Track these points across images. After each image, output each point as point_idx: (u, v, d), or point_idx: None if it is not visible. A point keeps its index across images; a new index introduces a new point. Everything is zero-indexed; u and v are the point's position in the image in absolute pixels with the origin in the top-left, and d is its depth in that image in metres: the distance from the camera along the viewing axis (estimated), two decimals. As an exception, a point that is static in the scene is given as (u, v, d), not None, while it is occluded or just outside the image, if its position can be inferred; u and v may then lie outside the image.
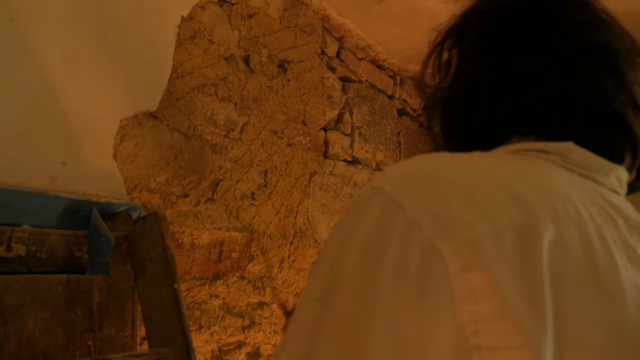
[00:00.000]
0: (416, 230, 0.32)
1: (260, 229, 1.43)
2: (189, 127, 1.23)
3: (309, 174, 1.65)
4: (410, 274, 0.31)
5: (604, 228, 0.36)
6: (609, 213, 0.38)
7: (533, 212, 0.33)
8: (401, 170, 0.37)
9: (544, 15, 0.47)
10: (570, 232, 0.34)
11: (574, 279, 0.32)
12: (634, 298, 0.34)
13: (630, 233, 0.38)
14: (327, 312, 0.34)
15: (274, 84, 1.52)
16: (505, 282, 0.30)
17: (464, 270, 0.30)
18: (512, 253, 0.31)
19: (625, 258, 0.36)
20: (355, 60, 1.98)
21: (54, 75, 0.95)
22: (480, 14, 0.51)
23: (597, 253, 0.34)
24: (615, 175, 0.43)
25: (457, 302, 0.30)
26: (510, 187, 0.35)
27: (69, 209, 0.91)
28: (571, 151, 0.42)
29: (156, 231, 0.95)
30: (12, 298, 0.80)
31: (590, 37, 0.45)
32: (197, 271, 1.22)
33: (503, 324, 0.30)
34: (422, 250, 0.31)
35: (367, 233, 0.34)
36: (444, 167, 0.37)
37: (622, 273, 0.35)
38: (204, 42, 1.28)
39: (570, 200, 0.36)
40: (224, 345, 1.28)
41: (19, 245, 0.83)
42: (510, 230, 0.32)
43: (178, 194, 1.19)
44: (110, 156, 1.04)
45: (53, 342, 0.85)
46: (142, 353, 0.87)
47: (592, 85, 0.44)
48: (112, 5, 1.06)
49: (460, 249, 0.31)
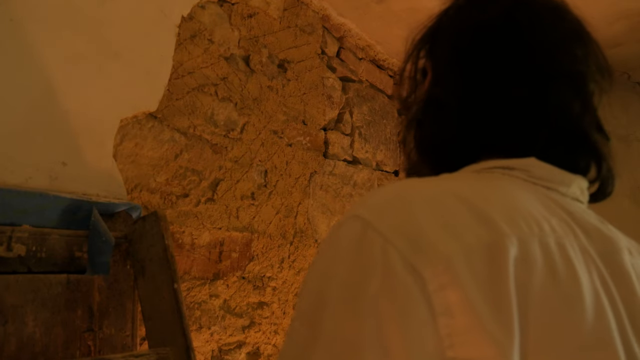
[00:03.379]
0: (393, 252, 0.34)
1: (260, 229, 1.43)
2: (189, 127, 1.23)
3: (309, 174, 1.65)
4: (391, 292, 0.33)
5: (564, 239, 0.39)
6: (569, 223, 0.41)
7: (499, 231, 0.36)
8: (376, 197, 0.40)
9: (516, 37, 0.48)
10: (533, 247, 0.37)
11: (537, 291, 0.35)
12: (591, 303, 0.37)
13: (588, 241, 0.41)
14: (317, 334, 0.35)
15: (274, 83, 1.52)
16: (477, 298, 0.33)
17: (440, 287, 0.33)
18: (482, 271, 0.34)
19: (583, 265, 0.39)
20: (355, 60, 1.98)
21: (54, 75, 0.95)
22: (455, 27, 0.52)
23: (558, 264, 0.37)
24: (577, 184, 0.46)
25: (436, 317, 0.33)
26: (476, 207, 0.38)
27: (69, 209, 0.91)
28: (534, 166, 0.45)
29: (156, 231, 0.95)
30: (12, 298, 0.80)
31: (562, 62, 0.48)
32: (197, 271, 1.22)
33: (476, 337, 0.32)
34: (401, 270, 0.34)
35: (348, 258, 0.36)
36: (414, 192, 0.40)
37: (582, 280, 0.37)
38: (204, 42, 1.28)
39: (532, 215, 0.39)
40: (224, 345, 1.28)
41: (19, 245, 0.83)
42: (478, 249, 0.35)
43: (178, 194, 1.19)
44: (110, 156, 1.04)
45: (53, 342, 0.85)
46: (142, 353, 0.87)
47: (560, 109, 0.47)
48: (112, 5, 1.06)
49: (436, 269, 0.33)
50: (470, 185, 0.42)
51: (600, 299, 0.38)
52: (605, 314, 0.37)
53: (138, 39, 1.11)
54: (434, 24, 0.57)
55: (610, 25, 1.86)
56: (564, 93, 0.47)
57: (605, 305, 0.38)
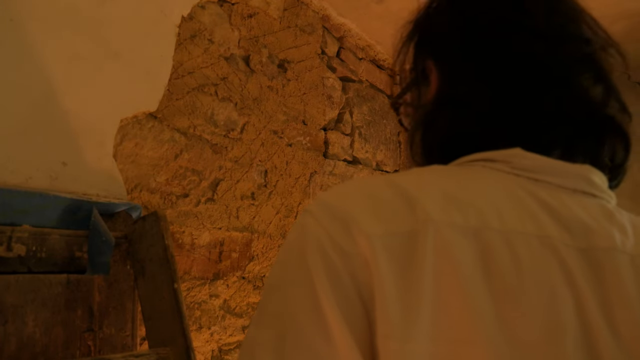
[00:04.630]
0: (323, 234, 0.37)
1: (260, 229, 1.43)
2: (189, 127, 1.23)
3: (309, 174, 1.65)
4: (319, 271, 0.36)
5: (515, 234, 0.38)
6: (537, 217, 0.39)
7: (424, 220, 0.37)
8: (325, 193, 0.42)
9: (528, 28, 0.47)
10: (463, 239, 0.36)
11: (460, 281, 0.35)
12: (539, 301, 0.36)
13: (564, 237, 0.39)
14: (260, 315, 0.39)
15: (274, 83, 1.52)
16: (387, 282, 0.35)
17: (365, 264, 0.35)
18: (398, 255, 0.36)
19: (540, 261, 0.37)
20: (355, 60, 1.98)
21: (54, 75, 0.95)
22: (460, 26, 0.50)
23: (494, 258, 0.36)
24: (581, 176, 0.44)
25: (362, 291, 0.35)
26: (411, 196, 0.38)
27: (69, 209, 0.91)
28: (516, 156, 0.43)
29: (156, 231, 0.95)
30: (12, 298, 0.80)
31: (578, 50, 0.47)
32: (197, 271, 1.22)
33: (383, 315, 0.34)
34: (330, 249, 0.36)
35: (290, 246, 0.40)
36: (356, 184, 0.42)
37: (526, 277, 0.36)
38: (204, 42, 1.28)
39: (478, 208, 0.38)
40: (224, 345, 1.28)
41: (19, 245, 0.83)
42: (399, 234, 0.36)
43: (178, 194, 1.19)
44: (110, 156, 1.04)
45: (53, 342, 0.85)
46: (142, 353, 0.87)
47: (583, 98, 0.46)
48: (112, 5, 1.06)
49: (360, 248, 0.36)
50: (420, 176, 0.42)
51: (555, 298, 0.36)
52: (555, 311, 0.36)
53: (138, 39, 1.11)
54: (425, 20, 0.56)
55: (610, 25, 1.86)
56: (586, 81, 0.46)
57: (560, 304, 0.36)
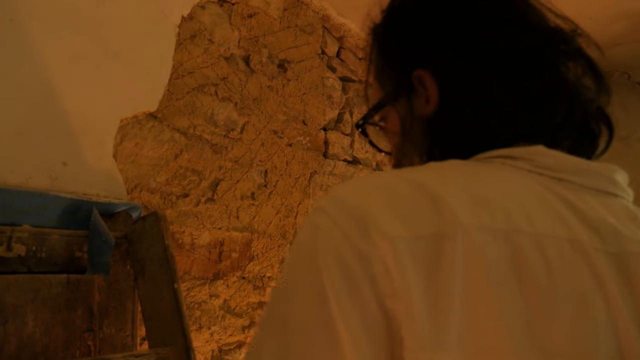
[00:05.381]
0: (340, 235, 0.34)
1: (260, 229, 1.43)
2: (189, 127, 1.23)
3: (309, 174, 1.65)
4: (334, 275, 0.33)
5: (545, 237, 0.36)
6: (566, 220, 0.38)
7: (452, 221, 0.34)
8: (338, 188, 0.39)
9: (515, 23, 0.46)
10: (494, 242, 0.34)
11: (490, 285, 0.33)
12: (571, 307, 0.34)
13: (594, 240, 0.37)
14: (270, 317, 0.37)
15: (274, 83, 1.52)
16: (414, 289, 0.32)
17: (386, 270, 0.32)
18: (424, 258, 0.33)
19: (571, 266, 0.36)
20: (356, 60, 1.98)
21: (54, 75, 0.95)
22: (456, 29, 0.48)
23: (526, 261, 0.34)
24: (603, 176, 0.43)
25: (384, 299, 0.32)
26: (434, 194, 0.35)
27: (69, 209, 0.91)
28: (540, 154, 0.41)
29: (156, 231, 0.95)
30: (12, 298, 0.80)
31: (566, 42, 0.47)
32: (197, 271, 1.22)
33: (410, 325, 0.31)
34: (347, 253, 0.33)
35: (303, 246, 0.37)
36: (371, 180, 0.39)
37: (558, 281, 0.34)
38: (204, 42, 1.28)
39: (506, 209, 0.36)
40: (224, 345, 1.28)
41: (19, 245, 0.83)
42: (425, 236, 0.33)
43: (178, 194, 1.19)
44: (110, 156, 1.04)
45: (53, 342, 0.85)
46: (142, 353, 0.87)
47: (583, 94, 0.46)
48: (112, 5, 1.06)
49: (380, 251, 0.33)
50: (441, 173, 0.40)
51: (587, 306, 0.35)
52: (586, 319, 0.34)
53: (138, 39, 1.11)
54: (399, 31, 0.52)
55: (610, 25, 1.86)
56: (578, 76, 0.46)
57: (592, 313, 0.35)
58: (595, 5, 1.73)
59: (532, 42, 0.46)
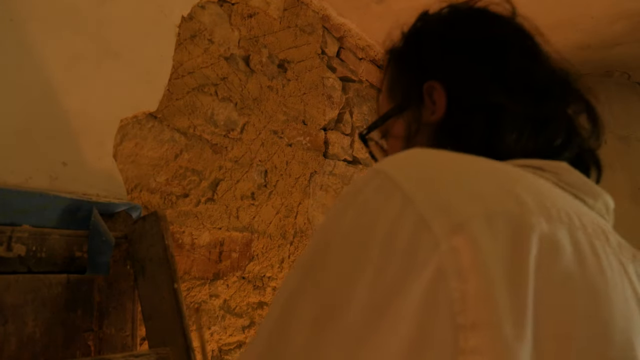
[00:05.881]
0: (410, 207, 0.32)
1: (260, 229, 1.43)
2: (189, 127, 1.23)
3: (309, 174, 1.65)
4: (398, 246, 0.31)
5: (594, 238, 0.37)
6: (601, 227, 0.39)
7: (526, 207, 0.34)
8: (401, 157, 0.38)
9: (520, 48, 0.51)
10: (561, 232, 0.34)
11: (561, 274, 0.33)
12: (620, 308, 0.35)
13: (620, 251, 0.39)
14: (310, 279, 0.34)
15: (274, 83, 1.52)
16: (492, 263, 0.30)
17: (453, 249, 0.30)
18: (502, 238, 0.31)
19: (615, 269, 0.37)
20: (356, 60, 1.98)
21: (54, 75, 0.95)
22: (471, 49, 0.52)
23: (586, 257, 0.35)
24: (602, 201, 0.45)
25: (448, 279, 0.30)
26: (504, 183, 0.36)
27: (69, 209, 0.91)
28: (564, 170, 0.44)
29: (156, 231, 0.95)
30: (12, 298, 0.80)
31: (572, 83, 0.52)
32: (197, 271, 1.22)
33: (484, 302, 0.30)
34: (414, 226, 0.32)
35: (362, 205, 0.34)
36: (441, 157, 0.38)
37: (610, 281, 0.35)
38: (204, 42, 1.28)
39: (562, 207, 0.36)
40: (224, 345, 1.28)
41: (19, 245, 0.83)
42: (503, 216, 0.32)
43: (178, 194, 1.19)
44: (110, 156, 1.04)
45: (53, 342, 0.85)
46: (142, 353, 0.87)
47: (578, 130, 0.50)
48: (112, 5, 1.06)
49: (451, 229, 0.31)
50: (500, 166, 0.40)
51: (630, 307, 0.36)
52: (632, 324, 0.35)
53: (138, 39, 1.11)
54: (416, 47, 0.58)
55: (610, 25, 1.86)
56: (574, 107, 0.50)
57: (633, 315, 0.35)
58: (597, 5, 1.73)
59: (540, 75, 0.50)
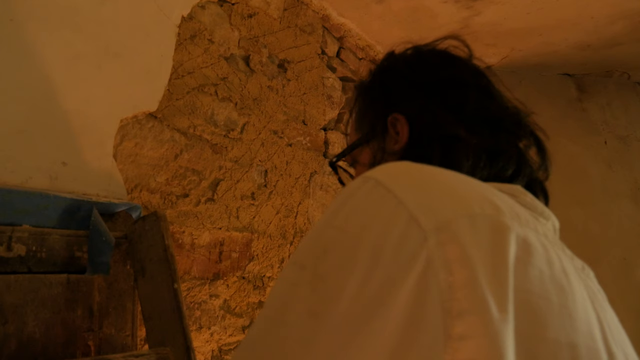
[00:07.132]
0: (401, 206, 0.36)
1: (260, 229, 1.43)
2: (189, 127, 1.23)
3: (309, 174, 1.65)
4: (391, 241, 0.34)
5: (554, 246, 0.42)
6: (557, 239, 0.45)
7: (502, 211, 0.38)
8: (388, 167, 0.42)
9: (479, 88, 0.59)
10: (531, 236, 0.39)
11: (536, 270, 0.36)
12: (582, 305, 0.39)
13: (573, 260, 0.44)
14: (308, 269, 0.37)
15: (274, 83, 1.52)
16: (476, 256, 0.33)
17: (439, 243, 0.34)
18: (484, 235, 0.35)
19: (572, 273, 0.41)
20: (356, 60, 1.98)
21: (54, 75, 0.95)
22: (432, 85, 0.59)
23: (552, 259, 0.39)
24: (551, 222, 0.50)
25: (437, 270, 0.33)
26: (480, 191, 0.40)
27: (69, 209, 0.91)
28: (520, 192, 0.49)
29: (156, 231, 0.95)
30: (12, 298, 0.80)
31: (523, 119, 0.59)
32: (197, 271, 1.22)
33: (472, 291, 0.32)
34: (405, 223, 0.35)
35: (357, 206, 0.38)
36: (424, 169, 0.42)
37: (572, 281, 0.39)
38: (204, 42, 1.28)
39: (527, 217, 0.41)
40: (224, 345, 1.28)
41: (19, 245, 0.83)
42: (483, 218, 0.36)
43: (178, 194, 1.19)
44: (110, 156, 1.04)
45: (53, 342, 0.85)
46: (142, 353, 0.87)
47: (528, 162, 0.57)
48: (112, 5, 1.06)
49: (439, 225, 0.34)
50: (472, 180, 0.44)
51: (587, 305, 0.40)
52: (590, 318, 0.39)
53: (138, 39, 1.11)
54: (382, 83, 0.65)
55: (610, 25, 1.86)
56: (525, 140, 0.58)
57: (589, 311, 0.40)
58: (597, 5, 1.73)
59: (494, 110, 0.56)
